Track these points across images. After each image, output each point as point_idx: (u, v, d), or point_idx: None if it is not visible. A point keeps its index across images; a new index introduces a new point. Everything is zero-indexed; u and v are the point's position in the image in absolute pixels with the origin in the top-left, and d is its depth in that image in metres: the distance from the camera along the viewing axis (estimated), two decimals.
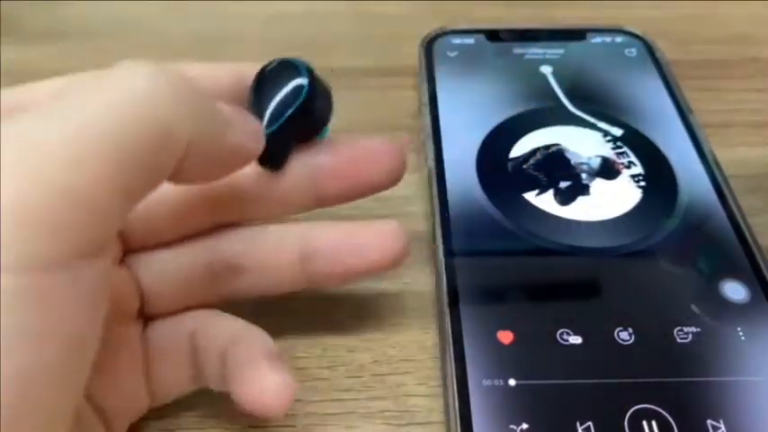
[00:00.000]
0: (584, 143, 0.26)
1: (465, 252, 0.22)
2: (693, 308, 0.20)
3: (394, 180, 0.20)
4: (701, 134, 0.26)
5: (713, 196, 0.24)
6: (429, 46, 0.30)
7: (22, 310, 0.11)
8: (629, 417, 0.18)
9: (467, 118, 0.27)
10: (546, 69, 0.29)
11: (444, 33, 0.31)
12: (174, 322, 0.19)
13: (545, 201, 0.24)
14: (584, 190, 0.24)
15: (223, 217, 0.19)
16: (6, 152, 0.12)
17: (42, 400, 0.12)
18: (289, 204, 0.19)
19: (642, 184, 0.24)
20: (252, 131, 0.17)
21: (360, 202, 0.24)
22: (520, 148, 0.26)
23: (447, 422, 0.18)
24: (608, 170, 0.25)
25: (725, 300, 0.21)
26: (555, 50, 0.30)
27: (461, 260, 0.22)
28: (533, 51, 0.30)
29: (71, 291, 0.13)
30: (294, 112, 0.18)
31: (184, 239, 0.19)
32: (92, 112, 0.13)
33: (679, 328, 0.20)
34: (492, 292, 0.21)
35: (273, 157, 0.18)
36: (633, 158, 0.25)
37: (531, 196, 0.24)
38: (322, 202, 0.20)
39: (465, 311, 0.20)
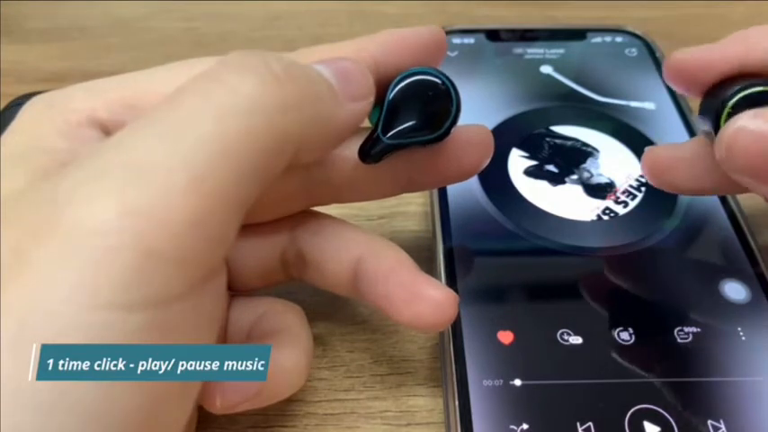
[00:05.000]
0: (617, 165, 0.25)
1: (465, 252, 0.22)
2: (693, 308, 0.20)
3: (482, 166, 0.19)
4: None
5: (713, 196, 0.24)
6: None
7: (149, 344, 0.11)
8: (630, 417, 0.18)
9: (467, 117, 0.27)
10: (546, 69, 0.29)
11: (444, 33, 0.31)
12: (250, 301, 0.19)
13: (519, 160, 0.24)
14: (555, 181, 0.24)
15: (317, 202, 0.19)
16: (123, 183, 0.11)
17: (168, 413, 0.13)
18: (380, 192, 0.19)
19: (605, 219, 0.23)
20: (362, 96, 0.16)
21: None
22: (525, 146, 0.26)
23: (447, 422, 0.18)
24: (598, 191, 0.24)
25: (725, 300, 0.21)
26: (555, 50, 0.30)
27: (461, 260, 0.22)
28: (534, 51, 0.30)
29: (193, 318, 0.12)
30: (430, 141, 0.17)
31: (271, 223, 0.19)
32: (205, 130, 0.12)
33: (679, 328, 0.20)
34: (492, 292, 0.21)
35: (376, 157, 0.17)
36: (633, 205, 0.23)
37: (516, 153, 0.25)
38: (409, 189, 0.19)
39: (465, 311, 0.20)
